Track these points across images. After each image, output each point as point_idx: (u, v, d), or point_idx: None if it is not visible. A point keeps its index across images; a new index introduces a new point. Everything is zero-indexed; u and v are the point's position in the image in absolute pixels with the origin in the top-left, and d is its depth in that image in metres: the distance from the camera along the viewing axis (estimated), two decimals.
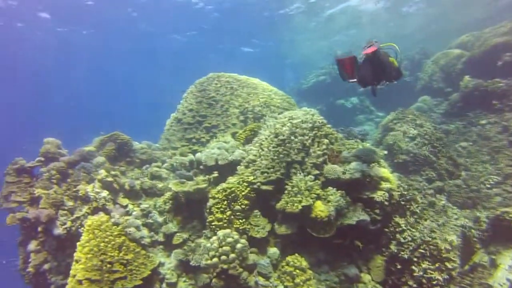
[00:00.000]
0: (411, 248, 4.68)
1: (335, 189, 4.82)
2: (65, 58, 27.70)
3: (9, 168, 7.00)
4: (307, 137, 5.09)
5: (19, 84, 34.51)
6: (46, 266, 6.28)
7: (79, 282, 5.21)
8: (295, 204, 4.68)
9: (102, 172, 6.50)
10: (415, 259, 4.67)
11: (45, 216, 5.95)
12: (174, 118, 8.05)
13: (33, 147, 7.42)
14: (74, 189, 6.35)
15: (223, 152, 5.91)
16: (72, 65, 30.77)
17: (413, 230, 4.76)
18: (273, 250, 5.04)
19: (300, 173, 4.91)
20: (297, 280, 4.63)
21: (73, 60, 29.11)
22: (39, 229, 6.27)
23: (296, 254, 4.80)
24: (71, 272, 5.37)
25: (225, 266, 4.49)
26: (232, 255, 4.52)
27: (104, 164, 6.74)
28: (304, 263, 4.72)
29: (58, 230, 5.97)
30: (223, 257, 4.49)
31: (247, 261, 4.70)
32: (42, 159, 7.14)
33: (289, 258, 4.78)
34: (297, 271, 4.68)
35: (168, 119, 8.14)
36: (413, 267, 4.66)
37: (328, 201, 4.71)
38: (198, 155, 6.26)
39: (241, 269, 4.55)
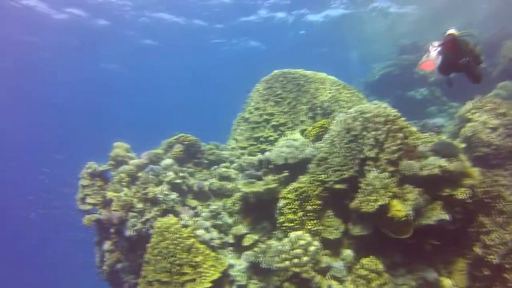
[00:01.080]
0: (501, 252, 5.41)
1: (412, 186, 5.50)
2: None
3: (83, 172, 9.08)
4: (380, 132, 5.80)
5: (88, 87, 40.73)
6: (119, 266, 7.86)
7: (149, 283, 6.49)
8: (370, 204, 5.40)
9: (171, 174, 8.08)
10: (507, 266, 5.35)
11: (117, 218, 7.50)
12: (241, 117, 9.41)
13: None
14: (143, 192, 7.80)
15: (293, 150, 6.91)
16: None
17: (503, 231, 5.48)
18: (347, 252, 5.84)
19: (374, 170, 5.83)
20: (373, 284, 5.28)
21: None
22: (112, 230, 7.91)
23: (372, 257, 5.47)
24: (142, 273, 6.71)
25: (297, 270, 5.43)
26: (305, 258, 5.44)
27: (172, 166, 8.28)
28: (380, 266, 5.37)
29: (129, 232, 7.48)
30: (295, 260, 5.42)
31: (320, 264, 5.61)
32: (113, 162, 8.88)
33: (364, 261, 5.40)
34: (373, 274, 5.34)
35: (235, 119, 9.62)
36: (506, 275, 5.21)
37: (405, 200, 5.37)
38: (267, 154, 7.47)
39: (313, 273, 5.45)
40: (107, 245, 8.24)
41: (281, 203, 6.45)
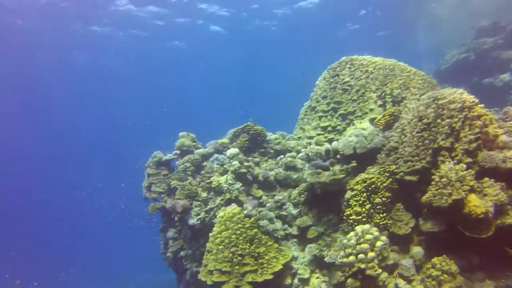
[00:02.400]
0: None
1: (493, 180, 5.26)
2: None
3: (150, 161, 9.65)
4: (456, 120, 5.65)
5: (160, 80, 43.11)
6: (182, 253, 8.47)
7: (210, 272, 6.93)
8: (444, 198, 5.26)
9: (235, 164, 8.37)
10: None
11: (180, 206, 7.99)
12: (308, 106, 9.53)
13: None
14: (208, 181, 8.29)
15: (362, 139, 6.96)
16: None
17: None
18: (417, 250, 5.75)
19: (449, 162, 5.59)
20: (445, 287, 5.14)
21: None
22: (176, 218, 8.50)
23: (444, 256, 5.15)
24: (203, 261, 7.18)
25: (362, 266, 5.47)
26: (371, 254, 5.46)
27: (238, 156, 8.59)
28: (454, 268, 5.00)
29: (192, 220, 7.96)
30: (361, 256, 5.46)
31: (387, 260, 5.62)
32: (178, 152, 9.47)
33: (435, 260, 5.18)
34: (445, 276, 5.01)
35: (302, 108, 9.70)
36: None
37: (485, 195, 5.17)
38: (334, 143, 7.49)
39: (380, 270, 5.46)
40: (171, 232, 8.76)
41: (348, 194, 6.53)
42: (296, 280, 6.79)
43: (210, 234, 7.30)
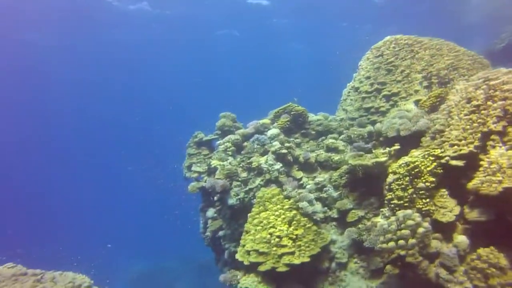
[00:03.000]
0: None
1: None
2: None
3: (191, 141, 9.77)
4: (510, 102, 5.28)
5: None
6: (221, 233, 8.55)
7: (247, 252, 6.94)
8: (493, 185, 4.93)
9: (276, 144, 8.34)
10: None
11: (220, 186, 8.01)
12: (351, 87, 9.31)
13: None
14: (248, 161, 8.28)
15: (406, 121, 6.71)
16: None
17: None
18: (461, 239, 5.43)
19: (500, 147, 5.28)
20: (492, 282, 4.76)
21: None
22: (215, 198, 8.56)
23: (492, 248, 4.84)
24: (241, 241, 7.21)
25: (402, 252, 5.28)
26: (412, 241, 5.25)
27: (279, 136, 8.52)
28: (503, 261, 4.65)
29: (232, 200, 7.97)
30: (401, 242, 5.27)
31: (428, 248, 5.38)
32: (219, 132, 9.53)
33: (481, 251, 4.90)
34: (492, 269, 4.69)
35: (345, 89, 9.50)
36: None
37: None
38: (377, 125, 7.29)
39: (420, 258, 5.25)
40: (210, 212, 8.89)
41: (390, 178, 6.28)
42: (333, 264, 6.75)
43: (249, 214, 7.34)
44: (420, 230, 5.28)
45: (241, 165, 8.38)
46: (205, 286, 18.54)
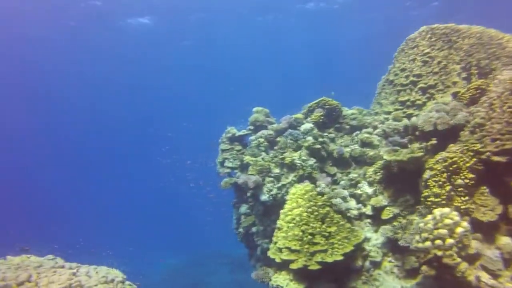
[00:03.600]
0: None
1: None
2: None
3: (223, 137, 9.77)
4: None
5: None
6: (253, 229, 8.50)
7: (279, 250, 6.83)
8: None
9: (309, 139, 8.22)
10: None
11: (253, 182, 7.93)
12: (385, 79, 9.01)
13: None
14: (281, 157, 8.18)
15: (443, 115, 6.41)
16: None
17: None
18: (505, 240, 5.14)
19: None
20: None
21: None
22: (248, 194, 8.53)
23: None
24: (273, 238, 7.09)
25: (439, 253, 5.00)
26: (449, 241, 4.94)
27: (312, 131, 8.41)
28: None
29: (264, 196, 7.93)
30: (438, 242, 4.98)
31: (468, 249, 5.05)
32: (251, 127, 9.43)
33: None
34: None
35: (379, 82, 9.21)
36: None
37: None
38: (413, 119, 7.03)
39: (458, 259, 4.93)
40: (243, 208, 8.87)
41: (427, 174, 6.07)
42: (367, 263, 6.59)
43: (281, 211, 7.22)
44: (459, 229, 4.98)
45: (274, 160, 8.29)
46: (238, 282, 18.70)
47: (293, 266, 6.57)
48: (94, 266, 6.75)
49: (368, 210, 7.13)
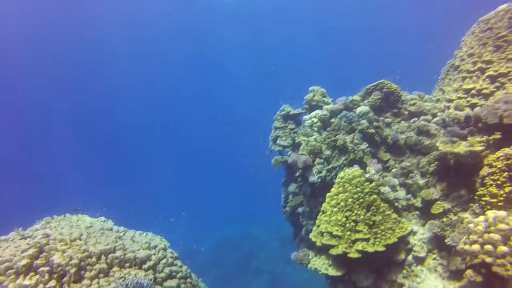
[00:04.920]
0: None
1: None
2: None
3: (277, 114, 9.64)
4: None
5: None
6: (300, 209, 8.38)
7: (321, 233, 6.69)
8: None
9: (364, 123, 7.90)
10: None
11: (302, 162, 7.79)
12: (450, 65, 8.29)
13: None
14: (333, 138, 7.90)
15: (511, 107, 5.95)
16: None
17: None
18: None
19: None
20: None
21: None
22: (297, 173, 8.41)
23: None
24: (316, 221, 6.97)
25: (488, 260, 4.53)
26: (502, 248, 4.44)
27: (368, 114, 8.07)
28: None
29: (313, 178, 7.75)
30: (488, 247, 4.52)
31: None
32: (306, 106, 9.20)
33: None
34: None
35: (444, 67, 8.51)
36: None
37: None
38: (477, 109, 6.45)
39: None
40: (292, 187, 8.76)
41: (485, 171, 5.59)
42: (410, 257, 6.29)
43: (327, 194, 7.04)
44: None
45: (326, 142, 8.04)
46: (286, 258, 18.79)
47: (333, 251, 6.44)
48: (140, 232, 7.03)
49: (417, 202, 6.76)
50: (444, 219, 6.15)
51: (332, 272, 6.62)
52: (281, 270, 18.78)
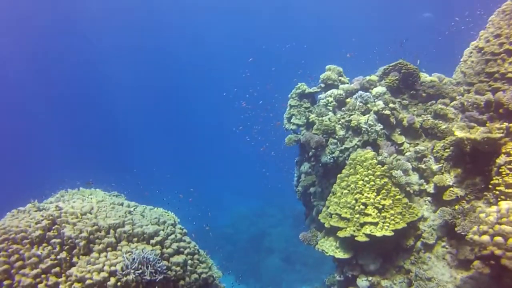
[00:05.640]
0: None
1: None
2: None
3: (293, 92, 9.36)
4: None
5: None
6: (311, 189, 8.27)
7: (329, 215, 6.63)
8: None
9: (379, 104, 7.65)
10: None
11: (315, 142, 7.60)
12: (474, 46, 7.79)
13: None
14: (348, 119, 7.71)
15: None
16: None
17: None
18: None
19: None
20: None
21: None
22: (310, 153, 8.18)
23: None
24: (326, 202, 6.88)
25: (497, 252, 4.29)
26: None
27: (384, 95, 7.81)
28: None
29: (326, 158, 7.60)
30: (498, 239, 4.28)
31: None
32: (322, 85, 8.92)
33: None
34: None
35: (467, 49, 7.99)
36: None
37: None
38: (499, 94, 6.06)
39: None
40: (305, 167, 8.62)
41: (501, 160, 5.35)
42: (419, 243, 6.14)
43: (338, 175, 6.93)
44: None
45: (340, 122, 7.84)
46: (297, 238, 18.75)
47: (340, 234, 6.37)
48: (150, 207, 7.02)
49: (430, 188, 6.56)
50: (456, 207, 5.94)
51: (339, 254, 6.56)
52: (294, 249, 18.74)
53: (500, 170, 5.25)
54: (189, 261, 5.74)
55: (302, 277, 17.30)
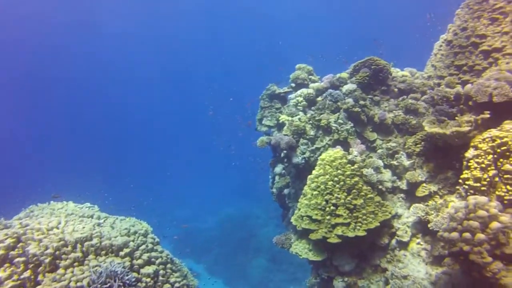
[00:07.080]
0: None
1: None
2: None
3: (263, 93, 9.09)
4: None
5: None
6: (285, 191, 8.03)
7: (301, 217, 6.34)
8: None
9: (349, 101, 7.32)
10: None
11: (285, 143, 7.36)
12: (444, 40, 7.66)
13: None
14: (318, 118, 7.48)
15: (503, 85, 5.11)
16: None
17: None
18: None
19: None
20: None
21: None
22: (282, 155, 7.91)
23: None
24: (297, 204, 6.60)
25: (465, 248, 4.09)
26: (480, 236, 4.00)
27: (354, 92, 7.54)
28: None
29: (297, 159, 7.35)
30: (466, 235, 4.07)
31: (504, 248, 4.01)
32: (293, 85, 8.62)
33: None
34: None
35: (437, 42, 7.85)
36: None
37: None
38: (467, 87, 5.88)
39: (489, 258, 3.97)
40: (278, 168, 8.40)
41: (470, 153, 5.12)
42: (393, 241, 5.93)
43: (308, 176, 6.67)
44: (494, 224, 4.00)
45: (310, 121, 7.63)
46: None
47: (312, 236, 6.12)
48: (122, 218, 6.78)
49: (403, 184, 6.37)
50: (430, 203, 5.77)
51: (313, 257, 6.33)
52: (280, 249, 18.64)
53: (469, 164, 5.03)
54: (161, 271, 5.52)
55: (289, 277, 17.23)
